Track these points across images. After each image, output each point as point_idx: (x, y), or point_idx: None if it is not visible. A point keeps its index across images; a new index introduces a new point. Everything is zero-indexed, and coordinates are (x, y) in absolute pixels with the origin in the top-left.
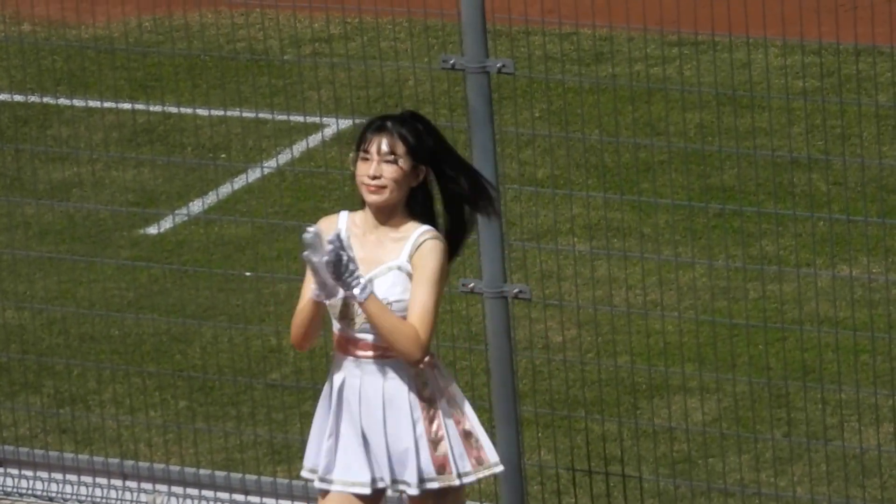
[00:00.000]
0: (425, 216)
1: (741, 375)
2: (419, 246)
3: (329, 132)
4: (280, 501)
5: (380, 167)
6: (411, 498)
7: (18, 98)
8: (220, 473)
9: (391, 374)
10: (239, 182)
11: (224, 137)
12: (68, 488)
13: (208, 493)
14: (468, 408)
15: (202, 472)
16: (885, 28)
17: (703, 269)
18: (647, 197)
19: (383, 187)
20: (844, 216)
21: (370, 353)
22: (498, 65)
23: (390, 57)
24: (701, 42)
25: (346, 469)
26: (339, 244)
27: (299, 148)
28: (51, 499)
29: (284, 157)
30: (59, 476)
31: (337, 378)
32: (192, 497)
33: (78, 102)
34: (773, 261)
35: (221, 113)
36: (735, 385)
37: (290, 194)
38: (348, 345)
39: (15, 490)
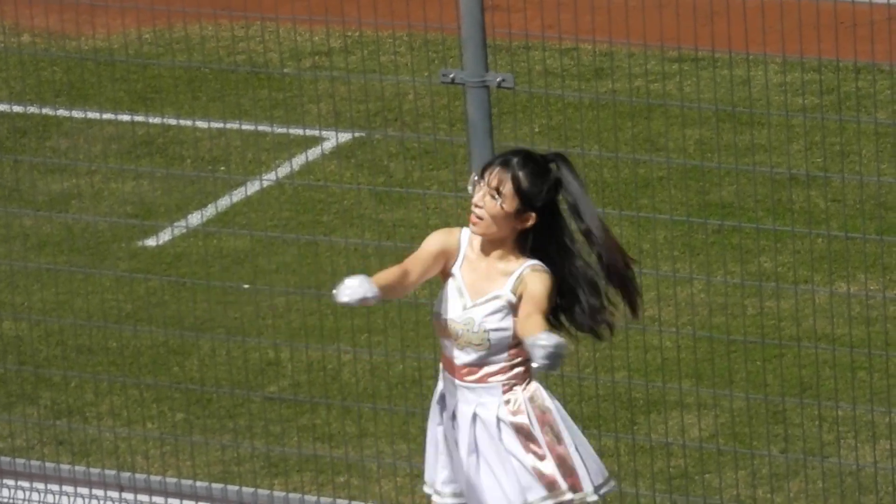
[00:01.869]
0: (538, 255)
1: (738, 391)
2: (522, 275)
3: (328, 146)
4: None
5: (484, 198)
6: None
7: (18, 109)
8: (216, 486)
9: (487, 399)
10: (238, 195)
11: (223, 150)
12: (65, 500)
13: None
14: (564, 434)
15: (199, 484)
16: (884, 46)
17: (702, 284)
18: (646, 213)
19: (480, 218)
20: (843, 233)
21: (472, 377)
22: (498, 79)
23: (390, 71)
24: (701, 58)
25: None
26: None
27: (298, 161)
28: None
29: (284, 171)
30: (55, 487)
31: (440, 389)
32: None
33: (77, 114)
34: (771, 277)
35: (221, 125)
36: (732, 401)
37: (289, 207)
38: (451, 365)
39: (11, 501)
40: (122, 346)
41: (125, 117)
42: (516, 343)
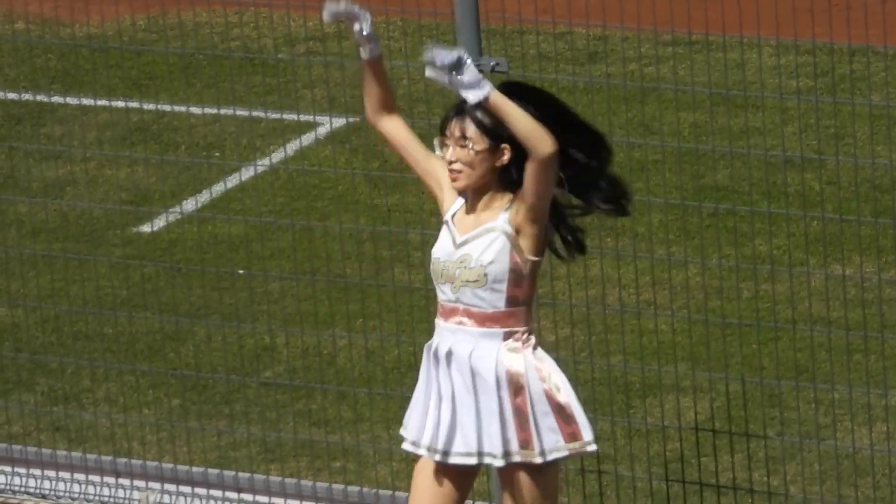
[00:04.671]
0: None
1: (734, 375)
2: (512, 204)
3: (323, 131)
4: (273, 499)
5: (455, 151)
6: (499, 471)
7: (12, 96)
8: (213, 471)
9: (485, 345)
10: (232, 181)
11: (218, 136)
12: (61, 486)
13: (201, 491)
14: (565, 383)
15: (195, 469)
16: (878, 28)
17: (697, 268)
18: (641, 196)
19: (459, 172)
20: (838, 216)
21: (465, 319)
22: (492, 63)
23: (384, 56)
24: (695, 42)
25: (447, 439)
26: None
27: (293, 147)
28: (44, 496)
29: (278, 156)
30: (52, 474)
31: (434, 343)
32: (184, 495)
33: (72, 101)
34: (766, 260)
35: (215, 111)
36: (728, 384)
37: (284, 193)
38: (448, 312)
39: (8, 487)
40: (117, 332)
41: (119, 104)
42: (515, 280)
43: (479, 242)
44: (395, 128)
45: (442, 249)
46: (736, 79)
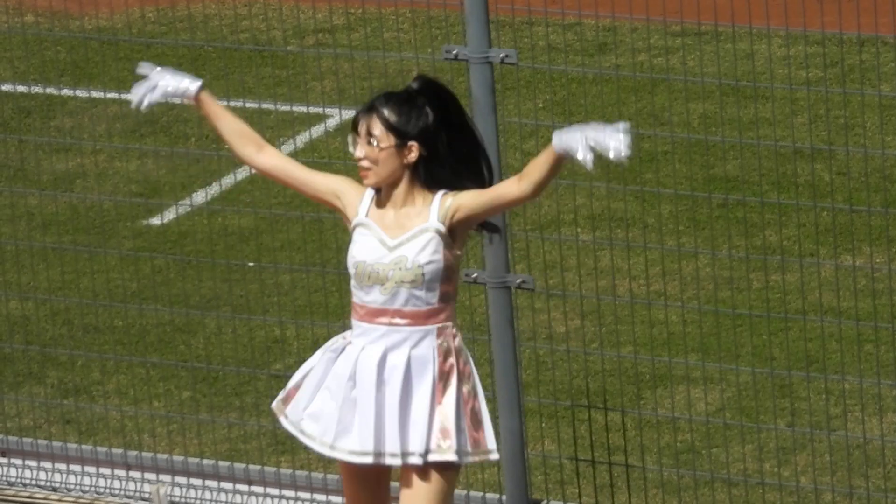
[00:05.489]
0: (442, 186)
1: (744, 365)
2: (442, 202)
3: (332, 123)
4: (283, 491)
5: (361, 149)
6: (405, 468)
7: (22, 89)
8: (223, 464)
9: (420, 343)
10: (242, 173)
11: None
12: (72, 478)
13: (212, 484)
14: (479, 389)
15: (206, 462)
16: (888, 18)
17: (707, 259)
18: (651, 187)
19: (368, 169)
20: (848, 206)
21: (403, 320)
22: (501, 55)
23: (393, 48)
24: (704, 32)
25: (357, 439)
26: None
27: (302, 139)
28: (54, 489)
29: (288, 148)
30: (62, 466)
31: (357, 344)
32: (195, 487)
33: (81, 93)
34: (776, 251)
35: (225, 103)
36: (738, 375)
37: None
38: (376, 314)
39: (19, 480)
40: (128, 324)
41: (129, 96)
42: (447, 277)
43: (414, 244)
44: (271, 161)
45: (369, 252)
46: (745, 69)
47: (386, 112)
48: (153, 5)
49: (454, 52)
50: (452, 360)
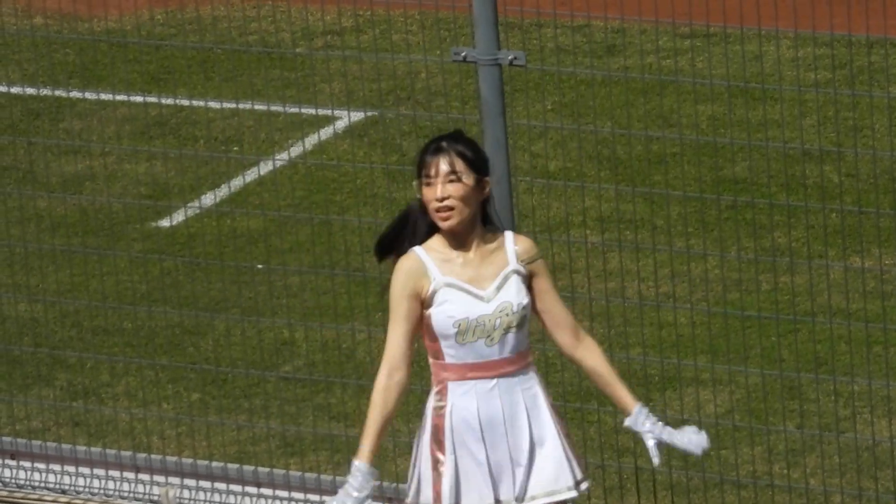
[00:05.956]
0: (497, 224)
1: (753, 367)
2: (520, 247)
3: (341, 125)
4: (292, 494)
5: (445, 188)
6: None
7: (31, 91)
8: (232, 466)
9: (528, 384)
10: (251, 175)
11: (236, 130)
12: (81, 481)
13: (221, 486)
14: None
15: (215, 464)
16: None
17: (716, 260)
18: (660, 189)
19: (451, 208)
20: (856, 208)
21: (507, 367)
22: (510, 57)
23: (402, 50)
24: (713, 34)
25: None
26: None
27: (311, 141)
28: (63, 491)
29: (296, 150)
30: (71, 469)
31: (461, 404)
32: (204, 489)
33: (90, 95)
34: (785, 252)
35: (233, 106)
36: (747, 377)
37: (302, 187)
38: (476, 368)
39: (28, 483)
40: (137, 326)
41: (138, 98)
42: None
43: (509, 287)
44: (406, 367)
45: (468, 309)
46: (754, 71)
47: (461, 149)
48: (162, 7)
49: (463, 53)
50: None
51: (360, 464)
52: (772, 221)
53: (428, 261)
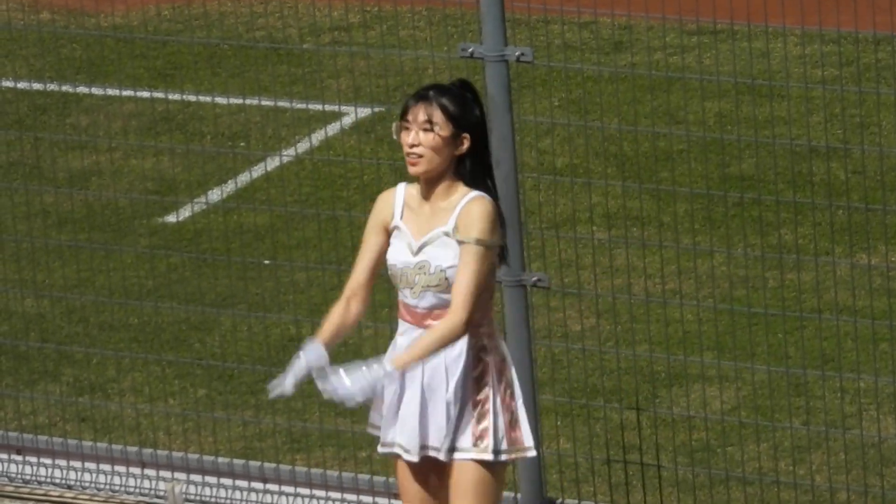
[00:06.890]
0: (477, 184)
1: (760, 364)
2: (461, 219)
3: (348, 121)
4: (298, 489)
5: (417, 135)
6: (449, 466)
7: (37, 86)
8: (238, 461)
9: (457, 346)
10: (258, 170)
11: (243, 126)
12: (87, 476)
13: (227, 482)
14: (517, 387)
15: (221, 460)
16: None
17: (722, 257)
18: (666, 186)
19: (420, 156)
20: (863, 205)
21: (432, 322)
22: (517, 53)
23: (409, 46)
24: (720, 31)
25: (408, 434)
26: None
27: (318, 136)
28: (69, 487)
29: (303, 146)
30: (77, 464)
31: (402, 343)
32: (210, 485)
33: (97, 91)
34: (791, 250)
35: (240, 101)
36: (754, 374)
37: (309, 183)
38: (407, 313)
39: (34, 478)
40: (143, 322)
41: (145, 94)
42: None
43: (436, 247)
44: (365, 288)
45: (398, 256)
46: (761, 68)
47: (444, 101)
48: (169, 3)
49: (470, 50)
50: (489, 358)
51: (311, 338)
52: (778, 218)
53: (399, 200)
